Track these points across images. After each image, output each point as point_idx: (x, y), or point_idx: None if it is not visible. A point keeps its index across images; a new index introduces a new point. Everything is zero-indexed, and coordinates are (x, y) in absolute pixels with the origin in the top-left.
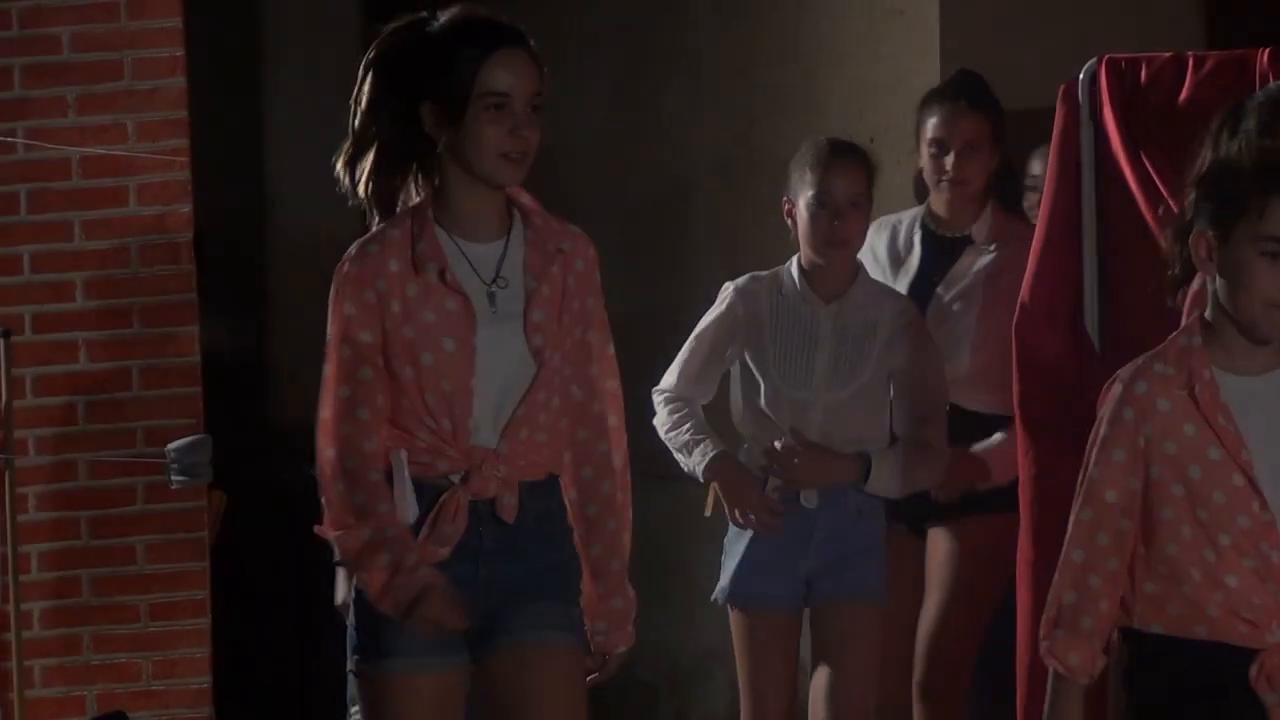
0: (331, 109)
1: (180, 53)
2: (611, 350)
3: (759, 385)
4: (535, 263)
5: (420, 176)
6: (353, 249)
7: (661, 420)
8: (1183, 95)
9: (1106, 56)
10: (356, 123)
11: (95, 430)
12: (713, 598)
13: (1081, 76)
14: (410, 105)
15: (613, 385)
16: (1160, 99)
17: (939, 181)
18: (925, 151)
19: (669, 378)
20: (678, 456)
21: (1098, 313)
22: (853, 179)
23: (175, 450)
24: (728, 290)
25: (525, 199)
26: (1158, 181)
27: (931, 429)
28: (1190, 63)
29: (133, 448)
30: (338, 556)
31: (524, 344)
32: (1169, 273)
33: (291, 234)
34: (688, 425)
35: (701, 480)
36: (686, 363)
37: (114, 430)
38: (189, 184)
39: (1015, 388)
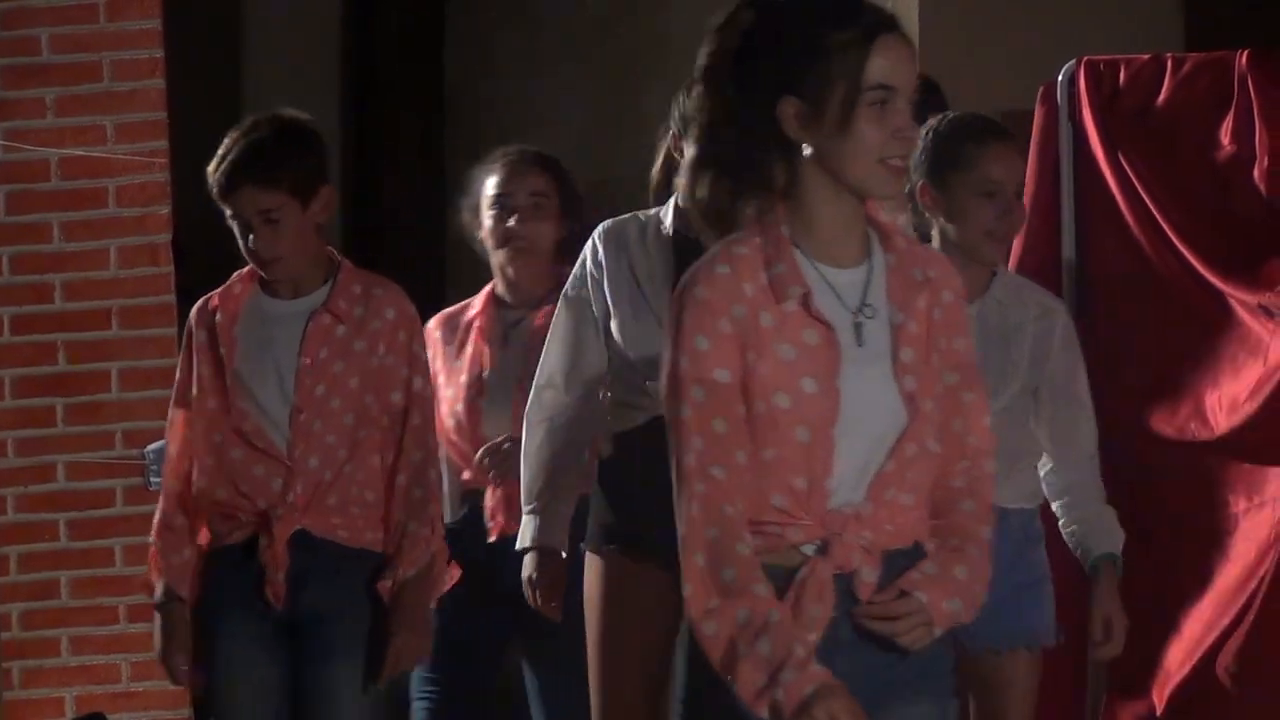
0: (312, 109)
1: (160, 54)
2: (979, 398)
3: None
4: (899, 292)
5: (766, 188)
6: (698, 270)
7: None
8: (1161, 97)
9: (1085, 58)
10: (696, 142)
11: (74, 432)
12: None
13: (1060, 78)
14: (766, 105)
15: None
16: (1139, 101)
17: None
18: None
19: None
20: None
21: (1075, 300)
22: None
23: (153, 452)
24: None
25: (883, 216)
26: (1135, 181)
27: None
28: (1169, 64)
29: (111, 449)
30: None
31: (894, 387)
32: None
33: None
34: None
35: None
36: None
37: (93, 432)
38: (169, 185)
39: None
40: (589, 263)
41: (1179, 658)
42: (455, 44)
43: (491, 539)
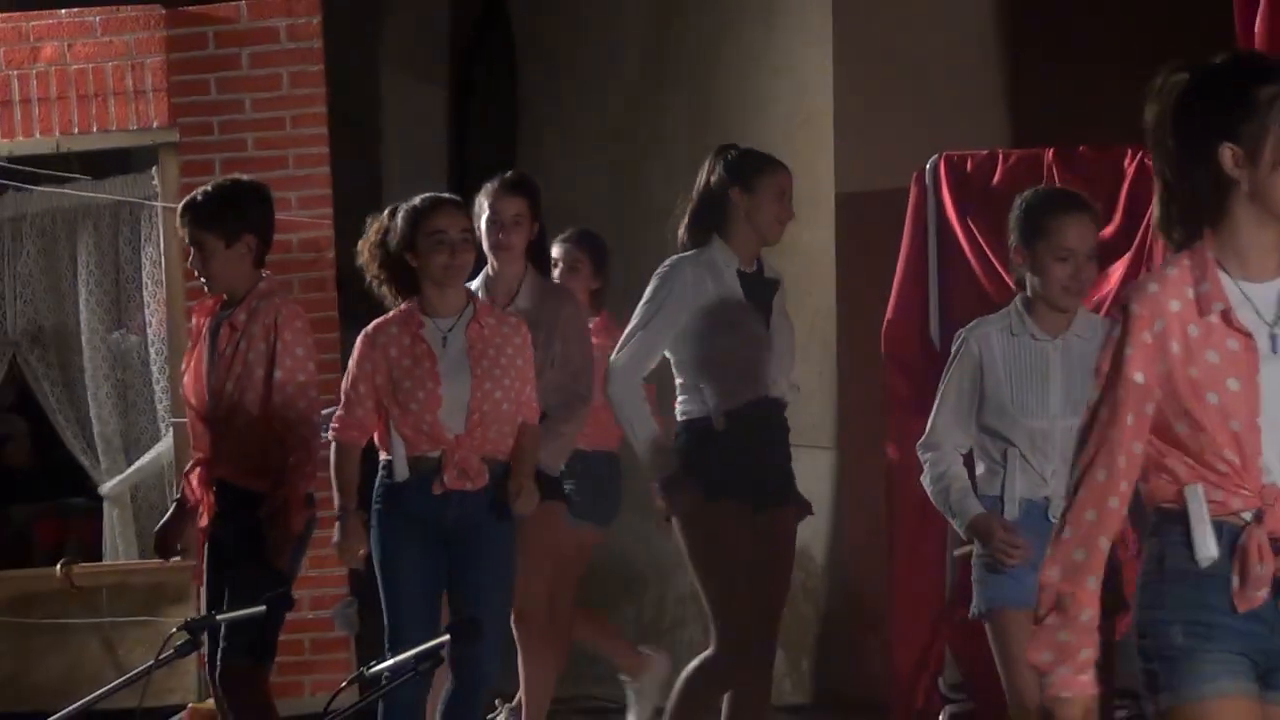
0: (428, 181)
1: (326, 151)
2: None
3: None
4: None
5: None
6: (1134, 288)
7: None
8: (996, 179)
9: (945, 153)
10: (1167, 177)
11: None
12: None
13: (929, 166)
14: (1204, 151)
15: None
16: (981, 182)
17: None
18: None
19: (925, 443)
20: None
21: (938, 316)
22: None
23: (326, 414)
24: (961, 336)
25: None
26: (978, 237)
27: None
28: (1000, 157)
29: None
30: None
31: None
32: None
33: None
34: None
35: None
36: (938, 421)
37: None
38: (332, 239)
39: (885, 376)
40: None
41: None
42: (526, 142)
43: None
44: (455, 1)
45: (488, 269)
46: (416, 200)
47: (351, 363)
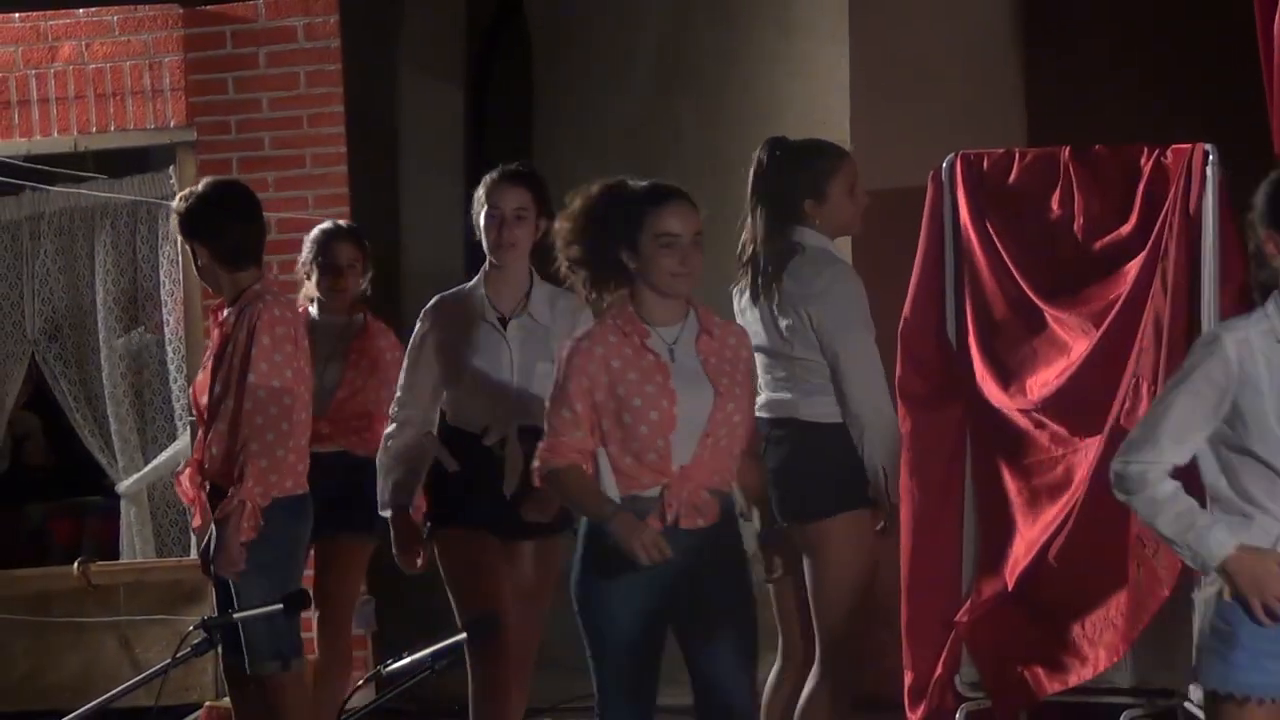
0: (443, 187)
1: (343, 150)
2: None
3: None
4: None
5: None
6: None
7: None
8: (1012, 177)
9: (961, 152)
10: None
11: None
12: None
13: (944, 165)
14: None
15: None
16: (997, 181)
17: None
18: None
19: (1142, 450)
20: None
21: (953, 315)
22: None
23: None
24: (1213, 335)
25: None
26: (993, 236)
27: None
28: (1016, 156)
29: None
30: None
31: None
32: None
33: (417, 268)
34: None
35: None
36: (1164, 428)
37: None
38: None
39: (898, 374)
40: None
41: (1022, 549)
42: (541, 141)
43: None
44: (471, 1)
45: (485, 270)
46: (639, 188)
47: (562, 377)
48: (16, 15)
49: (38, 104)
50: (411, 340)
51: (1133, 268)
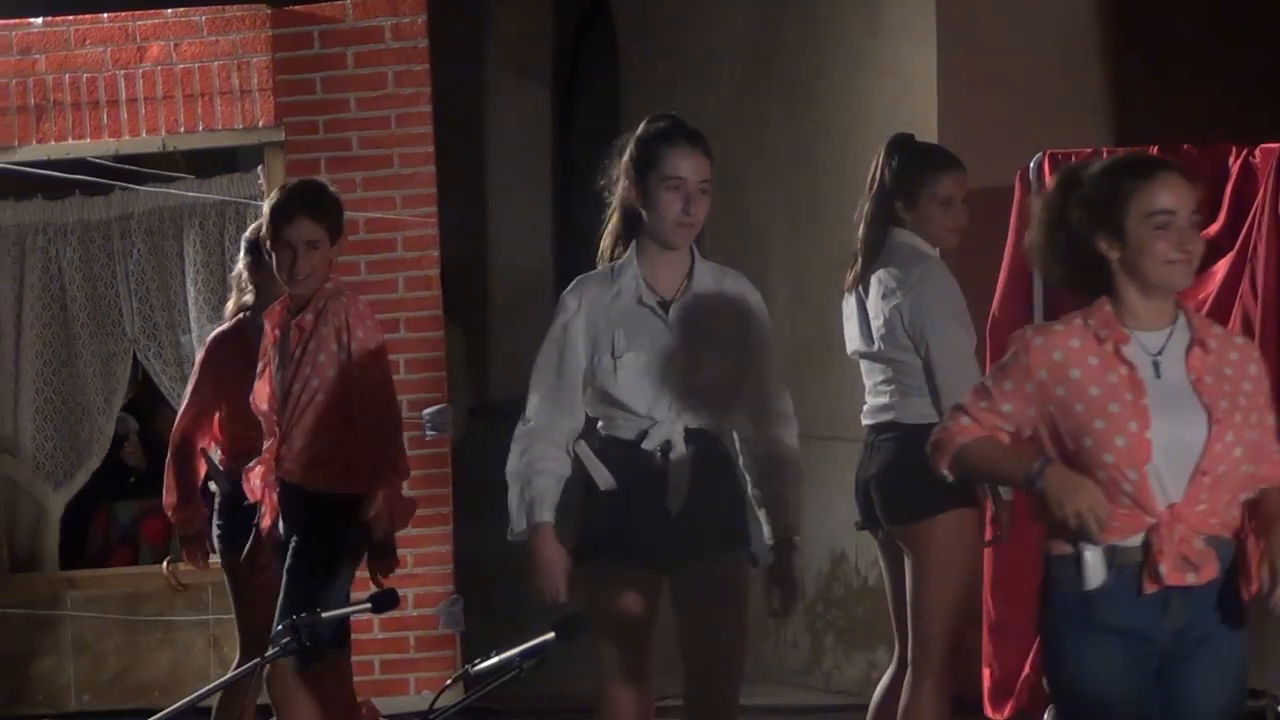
0: (526, 190)
1: (431, 150)
2: None
3: None
4: None
5: None
6: None
7: None
8: None
9: (1048, 151)
10: None
11: None
12: None
13: (1032, 164)
14: None
15: None
16: None
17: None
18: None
19: None
20: None
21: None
22: None
23: (428, 414)
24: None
25: None
26: None
27: None
28: (1104, 155)
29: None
30: None
31: None
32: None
33: (504, 267)
34: None
35: None
36: None
37: None
38: (437, 237)
39: (988, 373)
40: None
41: None
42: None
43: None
44: (559, 1)
45: (635, 248)
46: (1116, 162)
47: (999, 372)
48: (105, 16)
49: (126, 104)
50: (551, 330)
51: (1220, 268)
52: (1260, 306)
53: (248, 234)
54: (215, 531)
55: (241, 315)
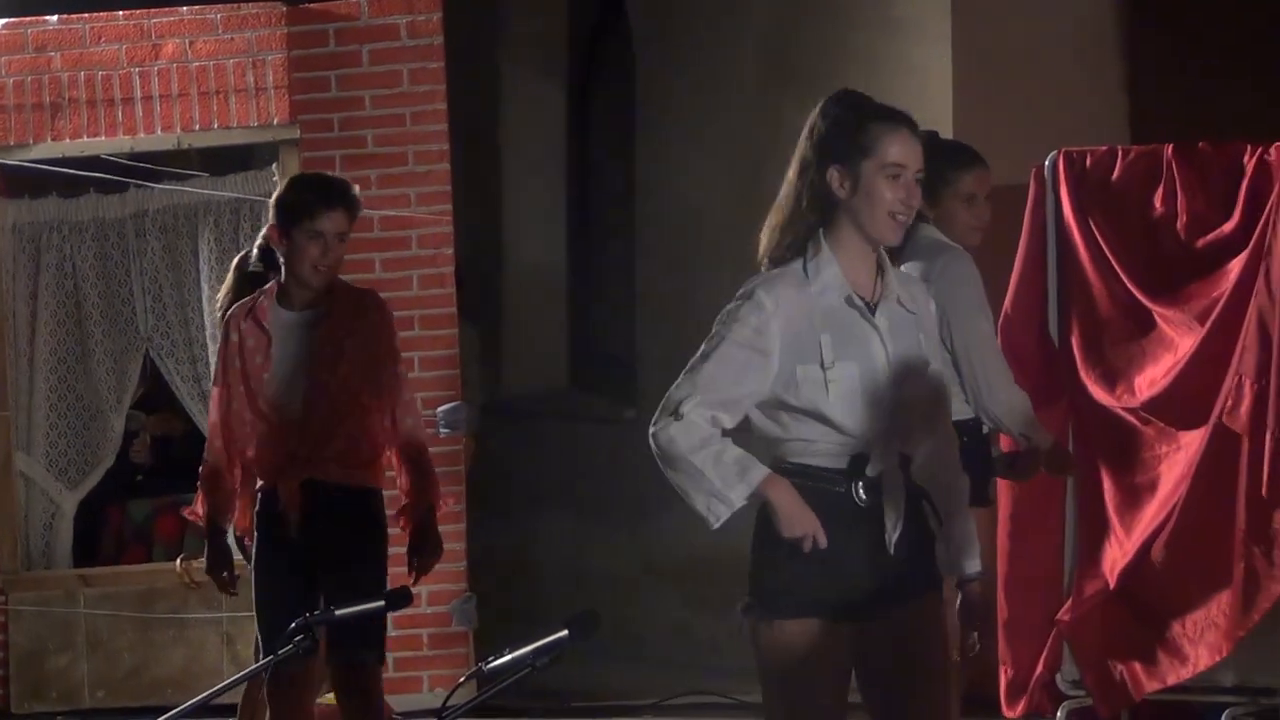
0: (542, 185)
1: (446, 148)
2: None
3: None
4: None
5: None
6: None
7: None
8: (1114, 175)
9: (1064, 149)
10: None
11: None
12: None
13: (1047, 162)
14: None
15: None
16: (1099, 178)
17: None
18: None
19: None
20: None
21: (1057, 314)
22: None
23: (442, 412)
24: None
25: None
26: (1095, 233)
27: None
28: (1119, 153)
29: None
30: None
31: None
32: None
33: (518, 265)
34: None
35: None
36: None
37: None
38: (451, 235)
39: None
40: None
41: (1126, 548)
42: (643, 141)
43: None
44: (574, 1)
45: (824, 242)
46: None
47: None
48: (121, 13)
49: (141, 102)
50: (733, 330)
51: (1235, 265)
52: (1277, 305)
53: (261, 241)
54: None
55: None
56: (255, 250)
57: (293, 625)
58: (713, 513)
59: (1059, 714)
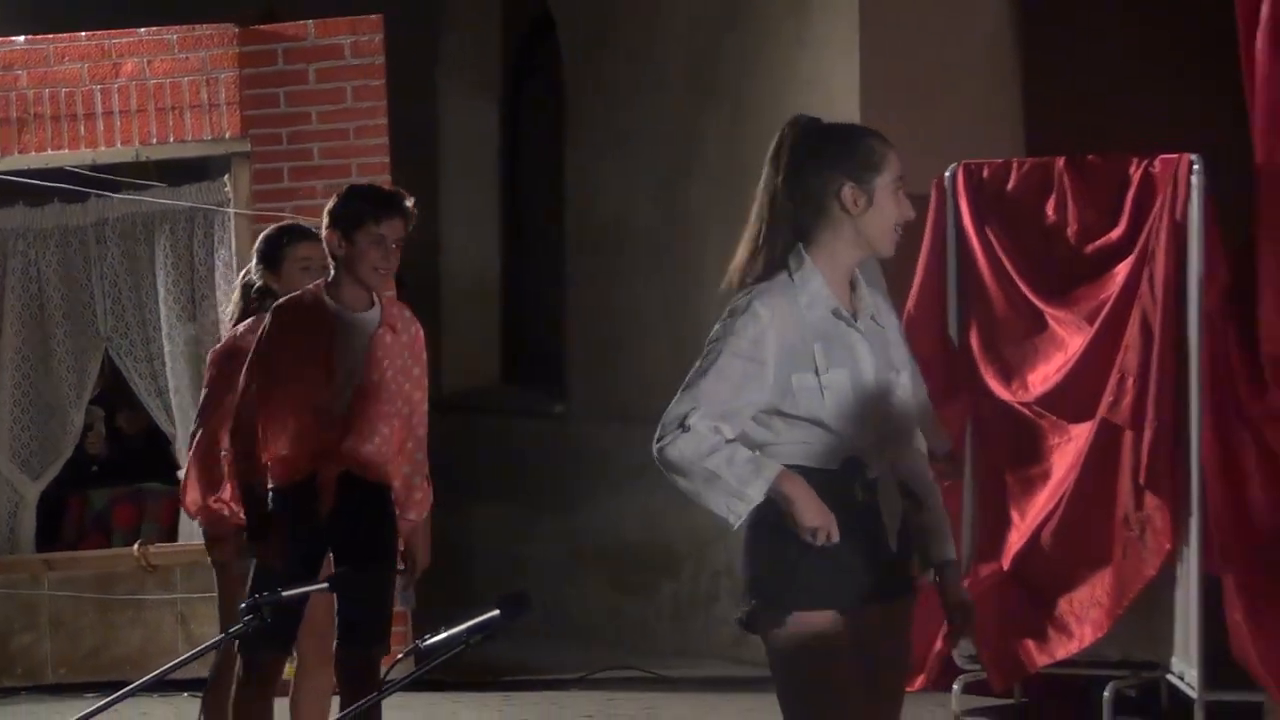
0: (477, 195)
1: (387, 159)
2: None
3: None
4: None
5: None
6: None
7: None
8: (1010, 185)
9: (963, 162)
10: None
11: None
12: None
13: (947, 173)
14: None
15: None
16: (996, 188)
17: None
18: None
19: None
20: None
21: (957, 316)
22: None
23: None
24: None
25: None
26: (992, 240)
27: None
28: (1014, 165)
29: None
30: None
31: None
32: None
33: (455, 270)
34: None
35: None
36: None
37: None
38: None
39: None
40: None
41: (1019, 533)
42: (572, 153)
43: None
44: (506, 20)
45: (806, 252)
46: None
47: None
48: (84, 34)
49: (102, 117)
50: (731, 343)
51: (1121, 270)
52: (1159, 307)
53: (262, 241)
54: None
55: (253, 320)
56: (255, 262)
57: (243, 605)
58: (733, 512)
59: (955, 687)
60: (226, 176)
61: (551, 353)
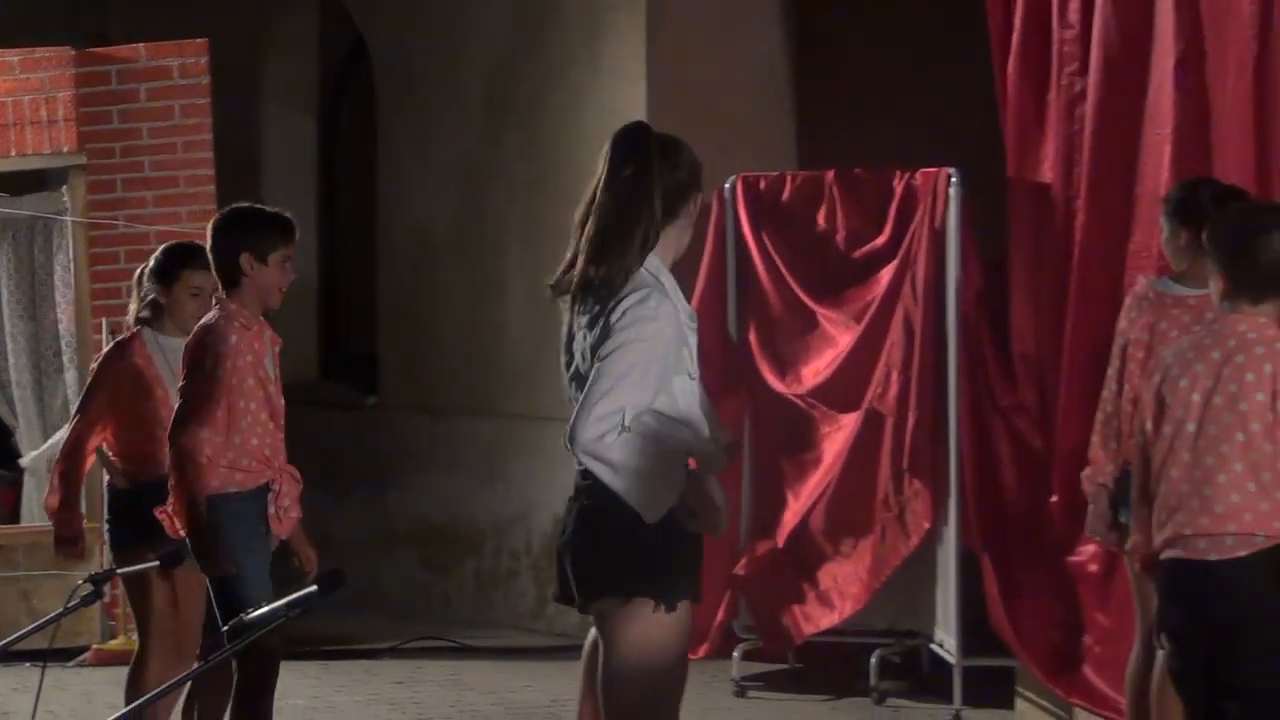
0: (295, 204)
1: (211, 172)
2: None
3: None
4: None
5: None
6: None
7: None
8: (785, 196)
9: (742, 174)
10: None
11: None
12: None
13: (727, 185)
14: None
15: None
16: (772, 199)
17: None
18: None
19: None
20: None
21: (736, 317)
22: None
23: None
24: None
25: None
26: (769, 246)
27: None
28: (788, 178)
29: None
30: None
31: None
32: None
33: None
34: None
35: None
36: None
37: None
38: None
39: None
40: None
41: (792, 514)
42: (384, 167)
43: None
44: (324, 47)
45: (663, 266)
46: None
47: None
48: None
49: None
50: (650, 344)
51: (886, 273)
52: (920, 308)
53: (160, 255)
54: (108, 532)
55: (139, 329)
56: (149, 270)
57: (80, 581)
58: (655, 509)
59: (735, 654)
60: (65, 187)
61: (365, 351)
